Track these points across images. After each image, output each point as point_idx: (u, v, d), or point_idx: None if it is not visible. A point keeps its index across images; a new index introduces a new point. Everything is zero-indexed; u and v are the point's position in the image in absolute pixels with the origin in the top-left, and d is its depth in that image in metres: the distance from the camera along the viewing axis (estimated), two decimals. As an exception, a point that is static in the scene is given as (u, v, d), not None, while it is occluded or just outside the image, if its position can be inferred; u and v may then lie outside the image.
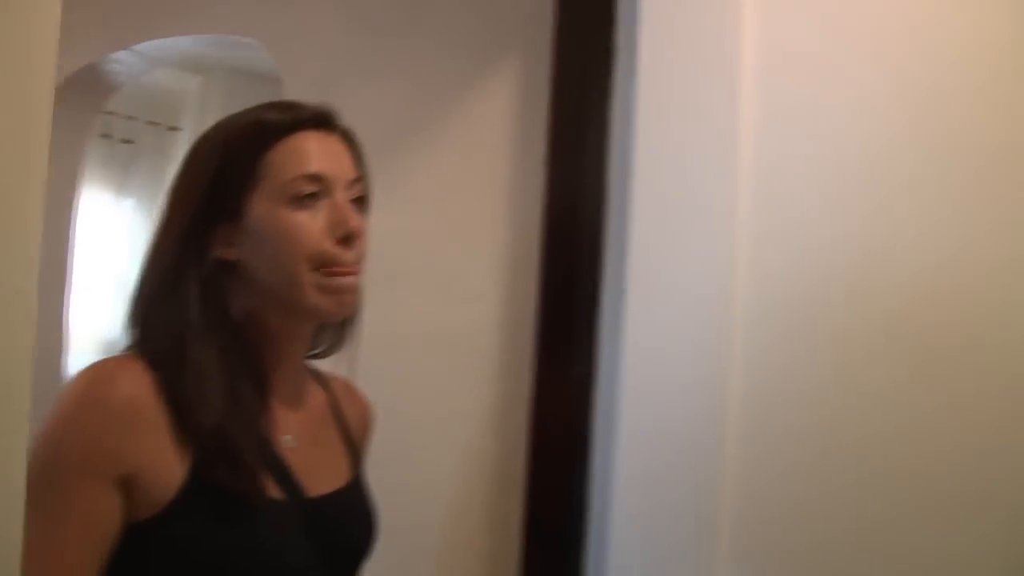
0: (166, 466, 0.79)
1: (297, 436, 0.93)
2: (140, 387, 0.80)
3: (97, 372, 0.81)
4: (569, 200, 1.43)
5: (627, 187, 1.33)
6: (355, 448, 1.03)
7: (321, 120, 0.92)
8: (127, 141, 3.76)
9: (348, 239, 0.88)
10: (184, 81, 3.46)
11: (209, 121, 0.96)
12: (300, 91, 1.69)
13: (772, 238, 1.21)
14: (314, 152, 0.89)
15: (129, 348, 0.86)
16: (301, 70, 1.71)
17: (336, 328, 0.99)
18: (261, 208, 0.87)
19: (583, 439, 1.38)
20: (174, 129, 3.85)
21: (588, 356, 1.38)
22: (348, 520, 0.95)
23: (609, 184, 1.39)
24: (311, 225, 0.87)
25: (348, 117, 0.95)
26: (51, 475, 0.76)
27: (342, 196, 0.89)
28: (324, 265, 0.87)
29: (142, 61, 2.00)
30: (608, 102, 1.39)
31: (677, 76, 1.27)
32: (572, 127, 1.43)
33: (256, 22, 1.74)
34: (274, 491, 0.85)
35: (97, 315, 3.28)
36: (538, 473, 1.41)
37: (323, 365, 1.04)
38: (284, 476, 0.87)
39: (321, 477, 0.93)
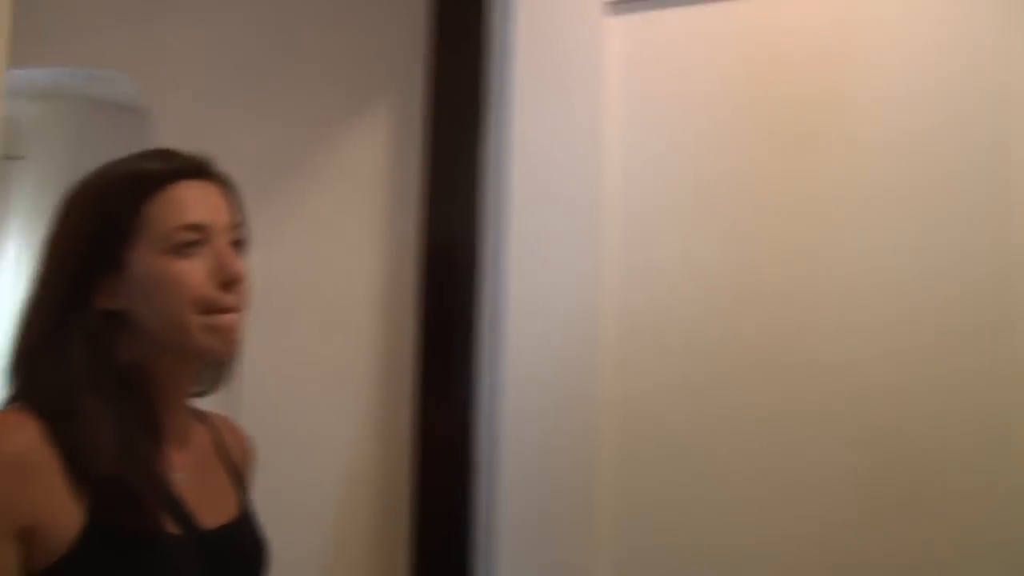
0: (63, 514, 0.80)
1: (187, 473, 0.95)
2: (30, 439, 0.80)
3: None
4: (445, 231, 1.49)
5: (502, 217, 1.41)
6: (241, 481, 1.06)
7: (199, 169, 0.94)
8: (-34, 170, 3.54)
9: (231, 284, 0.91)
10: (31, 108, 3.30)
11: (57, 150, 0.97)
12: (169, 125, 1.69)
13: (636, 264, 1.31)
14: (193, 201, 0.91)
15: (14, 399, 0.86)
16: (170, 104, 1.70)
17: (216, 366, 1.01)
18: (143, 258, 0.89)
19: (466, 461, 1.44)
20: (16, 158, 3.66)
21: (468, 380, 1.45)
22: (242, 550, 0.98)
23: (484, 215, 1.47)
24: (194, 273, 0.89)
25: (219, 152, 0.97)
26: None
27: (222, 242, 0.92)
28: (209, 309, 0.90)
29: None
30: (482, 137, 1.47)
31: (548, 113, 1.36)
32: (447, 162, 1.49)
33: (123, 55, 1.72)
34: (172, 527, 0.87)
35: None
36: (424, 495, 1.45)
37: (206, 401, 1.06)
38: (180, 513, 0.89)
39: (213, 511, 0.96)
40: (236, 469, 1.05)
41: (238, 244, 0.95)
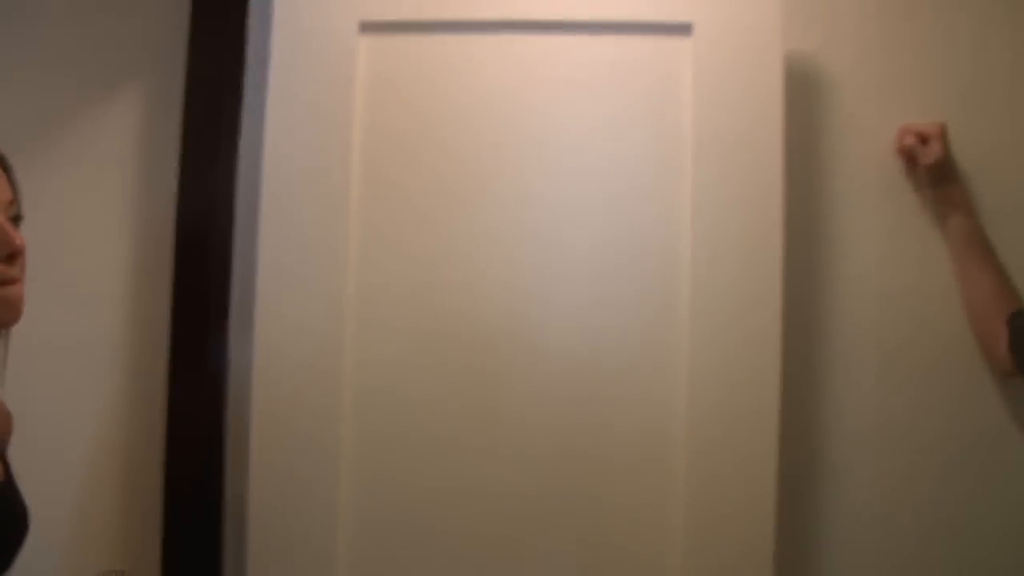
0: None
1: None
2: None
3: None
4: (200, 213, 1.56)
5: (255, 202, 1.50)
6: (2, 450, 1.12)
7: None
8: None
9: (13, 257, 0.98)
10: None
11: None
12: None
13: (373, 251, 1.47)
14: None
15: None
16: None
17: None
18: None
19: (218, 431, 1.54)
20: None
21: (220, 355, 1.54)
22: (7, 513, 1.04)
23: (237, 200, 1.56)
24: None
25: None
26: None
27: (2, 217, 0.99)
28: None
29: None
30: (238, 125, 1.56)
31: (301, 112, 1.47)
32: (203, 148, 1.56)
33: None
34: None
35: None
36: (175, 465, 1.53)
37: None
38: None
39: (-25, 476, 1.01)
40: (-2, 438, 1.11)
41: (15, 219, 1.02)
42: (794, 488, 1.51)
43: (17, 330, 1.49)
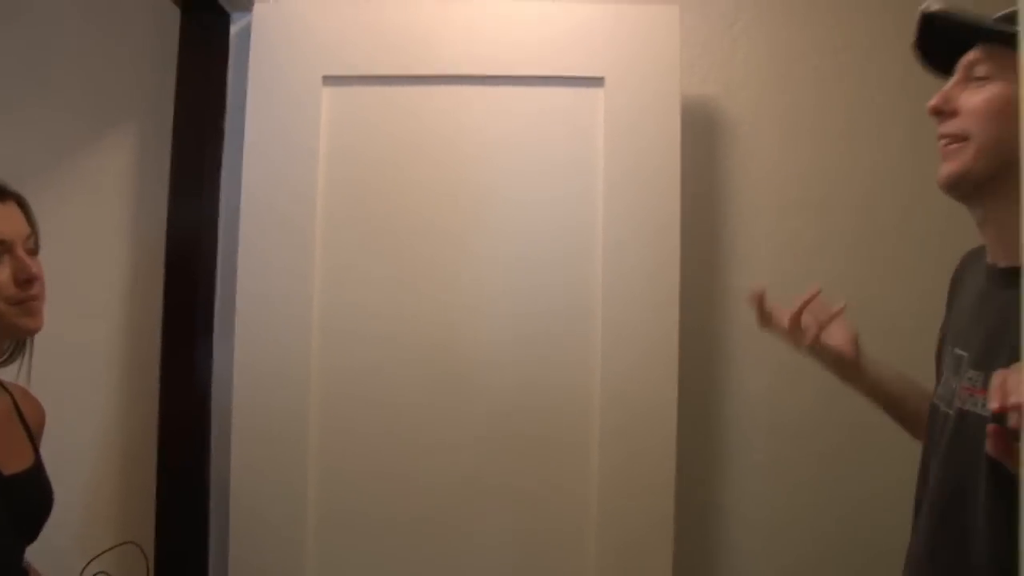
0: None
1: (-7, 430, 1.23)
2: None
3: None
4: (187, 234, 1.76)
5: (235, 224, 1.70)
6: (33, 439, 1.35)
7: None
8: None
9: (29, 282, 1.21)
10: None
11: None
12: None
13: (335, 270, 1.67)
14: None
15: None
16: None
17: (17, 342, 1.30)
18: None
19: (204, 427, 1.75)
20: None
21: (206, 356, 1.75)
22: (35, 492, 1.26)
23: (218, 222, 1.77)
24: (1, 276, 1.19)
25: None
26: None
27: (21, 250, 1.21)
28: (15, 302, 1.20)
29: None
30: (219, 158, 1.77)
31: (273, 151, 1.67)
32: (188, 178, 1.76)
33: None
34: None
35: None
36: (167, 456, 1.73)
37: None
38: (-13, 459, 1.17)
39: (11, 461, 1.23)
40: (29, 429, 1.34)
41: (34, 250, 1.25)
42: (697, 469, 1.76)
43: (37, 340, 1.71)
